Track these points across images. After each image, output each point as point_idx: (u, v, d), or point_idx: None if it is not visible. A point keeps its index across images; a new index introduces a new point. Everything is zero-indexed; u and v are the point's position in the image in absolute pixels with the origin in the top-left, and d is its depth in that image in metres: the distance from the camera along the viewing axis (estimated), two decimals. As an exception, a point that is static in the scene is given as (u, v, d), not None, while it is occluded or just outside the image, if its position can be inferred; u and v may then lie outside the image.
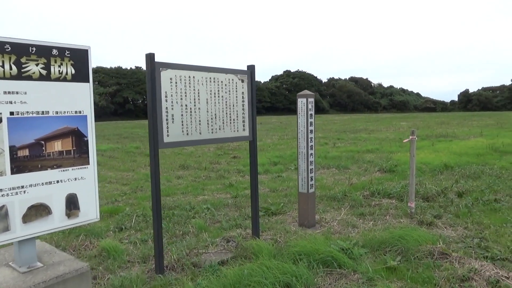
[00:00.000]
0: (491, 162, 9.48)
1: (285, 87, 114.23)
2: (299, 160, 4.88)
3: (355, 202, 5.80)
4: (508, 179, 7.41)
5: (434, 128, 28.90)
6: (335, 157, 12.00)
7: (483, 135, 19.04)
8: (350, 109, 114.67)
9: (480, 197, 5.75)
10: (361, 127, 31.36)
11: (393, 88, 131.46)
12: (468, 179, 7.39)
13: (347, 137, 21.16)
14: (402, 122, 41.30)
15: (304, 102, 4.73)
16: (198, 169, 10.98)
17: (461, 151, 11.68)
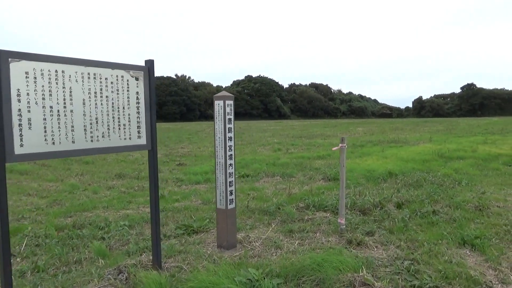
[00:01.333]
0: (436, 168, 9.34)
1: (247, 92, 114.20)
2: (217, 172, 4.26)
3: (288, 216, 5.26)
4: (449, 187, 7.18)
5: (388, 133, 29.39)
6: (283, 164, 11.53)
7: (432, 140, 19.38)
8: (311, 115, 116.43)
9: (419, 209, 5.38)
10: (319, 133, 31.41)
11: (352, 94, 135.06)
12: (410, 187, 7.09)
13: (302, 142, 20.91)
14: (358, 128, 41.99)
15: (221, 105, 4.12)
16: (136, 178, 10.13)
17: (408, 157, 11.57)
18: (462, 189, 7.06)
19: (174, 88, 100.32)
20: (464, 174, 8.67)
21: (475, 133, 26.18)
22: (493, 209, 5.56)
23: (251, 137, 27.62)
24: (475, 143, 16.66)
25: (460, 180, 7.86)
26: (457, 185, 7.48)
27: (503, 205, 5.80)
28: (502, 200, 6.14)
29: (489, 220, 5.02)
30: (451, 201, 5.89)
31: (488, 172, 8.99)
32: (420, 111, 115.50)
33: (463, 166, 9.70)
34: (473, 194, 6.58)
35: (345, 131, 34.09)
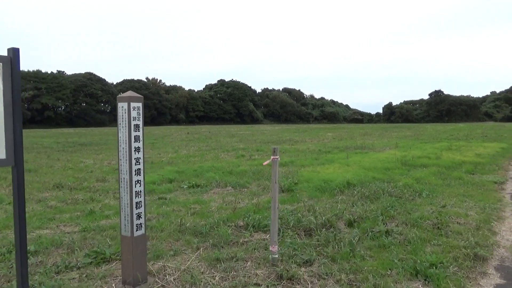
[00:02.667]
0: (397, 178, 8.83)
1: (219, 96, 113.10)
2: (121, 190, 3.45)
3: (221, 239, 4.50)
4: (408, 200, 6.63)
5: (356, 139, 29.22)
6: (241, 173, 10.79)
7: (398, 147, 19.15)
8: (284, 120, 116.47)
9: (371, 228, 4.74)
10: (288, 138, 30.91)
11: (324, 99, 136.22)
12: (367, 200, 6.49)
13: (268, 148, 20.23)
14: (329, 133, 41.85)
15: (125, 107, 3.32)
16: (76, 189, 9.13)
17: (371, 165, 11.07)
18: (422, 202, 6.52)
19: (144, 91, 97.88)
20: (426, 184, 8.18)
21: (441, 139, 26.34)
22: (453, 226, 5.00)
23: (217, 142, 26.77)
24: (440, 149, 16.48)
25: (421, 191, 7.34)
26: (417, 197, 6.95)
27: (464, 222, 5.26)
28: (463, 215, 5.61)
29: (447, 241, 4.44)
30: (408, 217, 5.30)
31: (450, 182, 8.56)
32: (390, 117, 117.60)
33: (425, 175, 9.25)
34: (433, 207, 6.04)
35: (315, 137, 33.79)
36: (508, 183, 9.11)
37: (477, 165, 11.50)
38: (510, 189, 8.40)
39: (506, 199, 7.31)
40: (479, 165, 11.64)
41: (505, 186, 8.67)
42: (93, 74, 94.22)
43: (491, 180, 9.02)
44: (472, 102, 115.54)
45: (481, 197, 7.12)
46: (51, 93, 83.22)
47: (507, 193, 7.91)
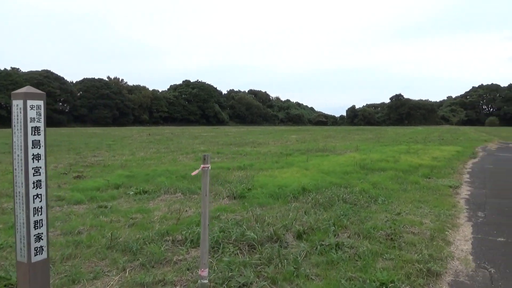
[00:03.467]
0: (354, 183, 8.59)
1: (184, 97, 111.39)
2: (16, 207, 2.84)
3: (152, 257, 3.96)
4: (363, 207, 6.35)
5: (319, 141, 29.31)
6: (195, 177, 10.20)
7: (358, 149, 19.20)
8: (249, 121, 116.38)
9: (321, 240, 4.37)
10: (251, 140, 30.51)
11: (289, 102, 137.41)
12: (320, 208, 6.14)
13: (230, 150, 19.74)
14: (293, 135, 41.91)
15: (20, 106, 2.73)
16: (8, 195, 8.23)
17: (329, 169, 10.83)
18: (377, 209, 6.26)
19: (106, 91, 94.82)
20: (382, 189, 7.98)
21: (401, 142, 26.85)
22: (406, 237, 4.72)
23: (179, 144, 25.96)
24: (399, 152, 16.61)
25: (377, 197, 7.10)
26: (373, 204, 6.69)
27: (418, 231, 5.00)
28: (418, 224, 5.36)
29: (400, 254, 4.13)
30: (360, 227, 4.98)
31: (407, 186, 8.42)
32: (353, 119, 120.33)
33: (382, 179, 9.08)
34: (387, 215, 5.77)
35: (279, 139, 33.63)
36: (463, 187, 9.11)
37: (434, 169, 11.54)
38: (465, 193, 8.36)
39: (461, 204, 7.20)
40: (436, 168, 11.69)
41: (459, 190, 8.64)
42: (51, 72, 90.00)
43: (447, 184, 8.98)
44: (430, 106, 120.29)
45: (436, 202, 6.96)
46: (4, 91, 78.67)
47: (462, 198, 7.84)
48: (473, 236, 5.18)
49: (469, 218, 6.17)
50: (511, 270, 3.97)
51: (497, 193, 8.40)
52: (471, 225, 5.75)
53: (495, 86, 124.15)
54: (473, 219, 6.08)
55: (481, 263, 4.15)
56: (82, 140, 29.85)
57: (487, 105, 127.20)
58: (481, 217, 6.26)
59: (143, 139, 32.68)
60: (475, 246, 4.75)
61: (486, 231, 5.42)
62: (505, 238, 5.05)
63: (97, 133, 44.92)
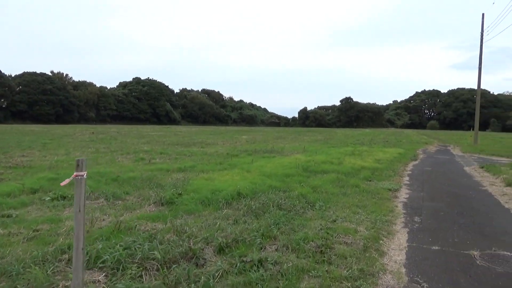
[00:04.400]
0: (294, 186, 8.23)
1: (134, 95, 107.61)
2: None
3: (35, 283, 3.25)
4: (298, 213, 5.94)
5: (269, 142, 29.11)
6: (128, 180, 9.39)
7: (305, 151, 19.11)
8: (202, 121, 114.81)
9: (243, 255, 3.87)
10: (200, 140, 29.67)
11: (243, 102, 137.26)
12: (252, 215, 5.66)
13: (174, 151, 18.86)
14: (243, 136, 41.52)
15: None
16: None
17: (272, 171, 10.43)
18: (312, 216, 5.88)
19: (48, 86, 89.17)
20: (322, 193, 7.67)
21: (348, 144, 27.27)
22: (338, 248, 4.34)
23: (122, 143, 24.59)
24: (344, 154, 16.66)
25: (315, 202, 6.75)
26: (309, 209, 6.32)
27: (351, 241, 4.65)
28: (352, 232, 5.03)
29: (329, 270, 3.72)
30: (291, 238, 4.54)
31: (347, 190, 8.18)
32: (305, 121, 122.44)
33: (323, 182, 8.81)
34: (322, 223, 5.39)
35: (229, 139, 33.06)
36: (402, 190, 9.06)
37: (375, 171, 11.53)
38: (403, 197, 8.27)
39: (398, 208, 7.05)
40: (377, 171, 11.70)
41: (398, 193, 8.56)
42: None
43: (386, 188, 8.89)
44: (377, 109, 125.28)
45: (374, 207, 6.74)
46: None
47: (400, 202, 7.72)
48: (408, 244, 4.93)
49: (406, 224, 5.97)
50: (444, 284, 3.71)
51: (434, 196, 8.40)
52: (407, 231, 5.53)
53: (436, 92, 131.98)
54: (409, 225, 5.89)
55: (414, 277, 3.85)
56: (15, 138, 27.47)
57: (429, 109, 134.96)
58: (417, 222, 6.09)
59: (84, 138, 30.74)
60: (409, 256, 4.47)
61: (421, 238, 5.20)
62: (439, 247, 4.84)
63: (35, 131, 41.82)
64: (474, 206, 7.51)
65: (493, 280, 3.85)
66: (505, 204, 7.91)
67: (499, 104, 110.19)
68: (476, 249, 4.75)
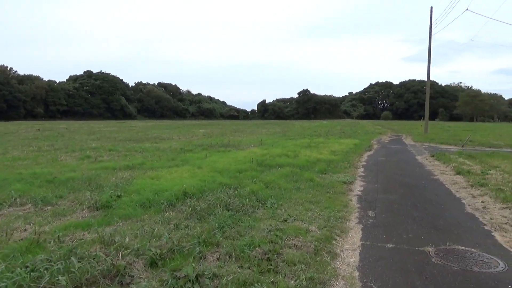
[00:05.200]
0: (246, 182, 7.77)
1: (86, 89, 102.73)
2: None
3: None
4: (247, 213, 5.48)
5: (227, 136, 28.56)
6: (65, 181, 8.53)
7: (262, 144, 18.78)
8: (159, 115, 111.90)
9: (177, 270, 3.35)
10: (155, 135, 28.51)
11: (201, 95, 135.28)
12: (196, 218, 5.15)
13: (125, 147, 17.83)
14: (201, 129, 40.67)
15: None
16: None
17: (225, 166, 9.94)
18: (262, 215, 5.46)
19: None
20: (275, 189, 7.29)
21: (305, 136, 27.28)
22: (287, 253, 3.94)
23: (70, 140, 23.07)
24: (300, 146, 16.47)
25: (266, 199, 6.35)
26: (260, 208, 5.90)
27: (302, 244, 4.26)
28: (303, 233, 4.65)
29: (276, 280, 3.30)
30: (235, 244, 4.08)
31: (301, 185, 7.85)
32: (264, 114, 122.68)
33: (277, 177, 8.44)
34: (272, 223, 4.98)
35: (186, 133, 32.15)
36: (357, 182, 8.89)
37: (331, 163, 11.35)
38: (358, 189, 8.08)
39: (353, 202, 6.80)
40: (333, 163, 11.53)
41: (353, 186, 8.36)
42: None
43: (341, 180, 8.67)
44: (334, 101, 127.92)
45: (328, 202, 6.44)
46: None
47: (354, 195, 7.50)
48: (362, 243, 4.64)
49: (360, 219, 5.71)
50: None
51: (388, 188, 8.29)
52: (361, 228, 5.25)
53: (389, 84, 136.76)
54: (364, 221, 5.62)
55: (367, 282, 3.52)
56: None
57: (382, 100, 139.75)
58: (371, 217, 5.84)
59: (28, 135, 28.66)
60: (363, 257, 4.16)
61: (376, 235, 4.93)
62: (394, 244, 4.58)
63: (-27, 129, 38.65)
64: (427, 196, 7.44)
65: (450, 280, 3.60)
66: (456, 193, 7.93)
67: (446, 95, 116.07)
68: (431, 245, 4.53)
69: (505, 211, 6.31)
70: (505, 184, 8.30)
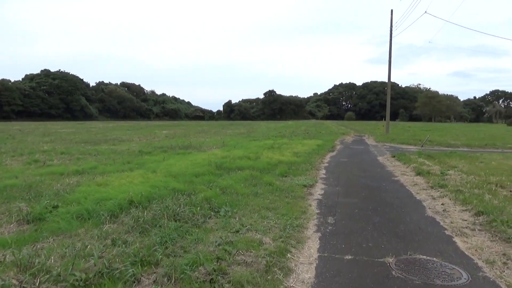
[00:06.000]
0: (201, 188, 7.27)
1: (44, 88, 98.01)
2: None
3: None
4: (197, 224, 5.01)
5: (190, 137, 27.82)
6: (3, 189, 7.69)
7: (224, 145, 18.30)
8: (122, 116, 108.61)
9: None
10: (114, 137, 27.31)
11: (165, 96, 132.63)
12: (137, 231, 4.62)
13: (78, 150, 16.77)
14: (164, 130, 39.59)
15: None
16: None
17: (181, 170, 9.39)
18: (213, 226, 5.00)
19: None
20: (231, 195, 6.84)
21: (269, 136, 27.01)
22: (234, 272, 3.50)
23: (20, 143, 21.55)
24: (263, 148, 16.12)
25: (220, 207, 5.89)
26: (212, 217, 5.44)
27: (253, 260, 3.84)
28: (256, 246, 4.23)
29: (217, 307, 2.86)
30: (177, 262, 3.60)
31: (259, 189, 7.45)
32: (230, 114, 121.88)
33: (235, 181, 8.00)
34: (223, 235, 4.53)
35: (147, 135, 31.10)
36: (318, 185, 8.62)
37: (292, 165, 11.05)
38: (318, 193, 7.79)
39: (312, 208, 6.48)
40: (294, 165, 11.23)
41: (314, 189, 8.07)
42: None
43: (301, 184, 8.36)
44: (299, 102, 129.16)
45: (286, 208, 6.08)
46: None
47: (315, 199, 7.19)
48: (319, 255, 4.29)
49: (318, 227, 5.38)
50: (356, 310, 3.06)
51: (349, 191, 8.05)
52: (319, 237, 4.91)
53: (352, 85, 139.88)
54: (322, 229, 5.29)
55: (322, 303, 3.16)
56: None
57: (346, 101, 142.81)
58: (330, 224, 5.53)
59: (-27, 137, 26.70)
60: (319, 272, 3.80)
61: (334, 245, 4.60)
62: (353, 255, 4.26)
63: None
64: (388, 200, 7.25)
65: (411, 296, 3.30)
66: (416, 195, 7.81)
67: (406, 96, 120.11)
68: (391, 255, 4.25)
69: (464, 214, 6.19)
70: (463, 185, 8.28)
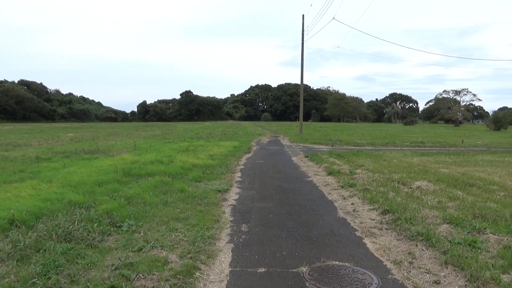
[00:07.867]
0: (103, 199, 6.50)
1: None
2: None
3: None
4: (93, 244, 4.35)
5: (99, 140, 25.84)
6: None
7: (136, 149, 17.21)
8: (21, 118, 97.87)
9: None
10: (8, 141, 24.16)
11: (72, 95, 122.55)
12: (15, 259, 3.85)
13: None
14: (70, 133, 36.37)
15: None
16: None
17: (82, 179, 8.41)
18: (112, 245, 4.39)
19: None
20: (137, 206, 6.23)
21: (185, 138, 26.24)
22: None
23: None
24: (177, 151, 15.46)
25: (123, 221, 5.28)
26: (113, 234, 4.81)
27: (155, 284, 3.37)
28: (160, 266, 3.75)
29: None
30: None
31: (169, 198, 6.93)
32: (145, 115, 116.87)
33: (142, 190, 7.35)
34: (122, 256, 3.97)
35: (50, 138, 28.22)
36: (232, 189, 8.35)
37: (207, 169, 10.66)
38: (233, 198, 7.51)
39: (226, 215, 6.16)
40: (209, 168, 10.85)
41: (228, 195, 7.77)
42: None
43: (216, 189, 8.01)
44: (216, 103, 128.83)
45: (197, 218, 5.66)
46: None
47: (229, 205, 6.89)
48: (231, 269, 3.96)
49: (232, 237, 5.07)
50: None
51: (264, 194, 7.91)
52: (232, 249, 4.59)
53: (268, 86, 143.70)
54: (236, 238, 4.99)
55: (232, 329, 2.83)
56: None
57: (262, 102, 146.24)
58: (244, 232, 5.26)
59: None
60: (230, 290, 3.48)
61: (247, 257, 4.31)
62: (266, 267, 4.01)
63: None
64: (301, 202, 7.23)
65: (324, 310, 3.13)
66: (328, 195, 7.94)
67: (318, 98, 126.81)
68: (305, 264, 4.09)
69: (372, 213, 6.37)
70: (370, 184, 8.65)
